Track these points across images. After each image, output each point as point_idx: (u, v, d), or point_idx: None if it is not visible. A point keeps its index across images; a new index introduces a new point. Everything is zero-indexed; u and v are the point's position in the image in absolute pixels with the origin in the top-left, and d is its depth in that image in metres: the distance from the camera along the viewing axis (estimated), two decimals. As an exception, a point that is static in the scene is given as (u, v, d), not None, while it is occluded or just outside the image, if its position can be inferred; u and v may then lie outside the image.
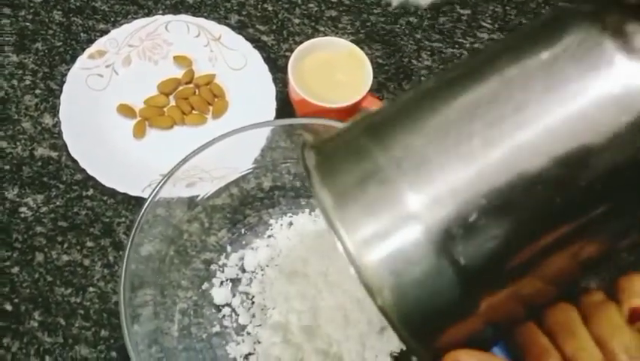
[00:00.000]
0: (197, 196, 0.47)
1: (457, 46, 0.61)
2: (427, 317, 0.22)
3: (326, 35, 0.59)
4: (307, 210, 0.49)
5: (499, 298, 0.22)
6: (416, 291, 0.21)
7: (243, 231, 0.49)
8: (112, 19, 0.59)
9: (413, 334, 0.22)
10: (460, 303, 0.22)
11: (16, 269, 0.47)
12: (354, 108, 0.50)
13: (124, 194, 0.50)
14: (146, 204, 0.42)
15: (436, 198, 0.22)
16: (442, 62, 0.60)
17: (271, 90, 0.55)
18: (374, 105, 0.51)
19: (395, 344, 0.42)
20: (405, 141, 0.23)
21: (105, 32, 0.57)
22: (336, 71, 0.51)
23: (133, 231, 0.41)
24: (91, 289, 0.47)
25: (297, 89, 0.49)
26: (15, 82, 0.55)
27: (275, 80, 0.56)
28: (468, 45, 0.61)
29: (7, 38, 0.57)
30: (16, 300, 0.46)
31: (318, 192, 0.23)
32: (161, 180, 0.43)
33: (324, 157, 0.24)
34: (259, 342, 0.43)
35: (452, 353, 0.22)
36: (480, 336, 0.23)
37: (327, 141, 0.26)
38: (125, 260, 0.40)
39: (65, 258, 0.48)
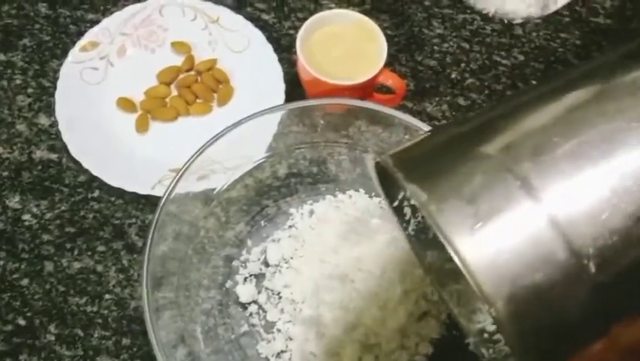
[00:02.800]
0: (211, 190, 0.45)
1: (468, 11, 0.58)
2: (546, 337, 0.19)
3: (330, 9, 0.56)
4: (328, 197, 0.46)
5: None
6: (537, 304, 0.18)
7: (262, 223, 0.46)
8: (101, 7, 0.55)
9: (528, 354, 0.19)
10: (590, 324, 0.19)
11: (25, 281, 0.44)
12: (370, 84, 0.47)
13: (132, 193, 0.47)
14: (162, 202, 0.39)
15: (567, 197, 0.19)
16: (454, 29, 0.57)
17: (278, 71, 0.51)
18: (391, 80, 0.48)
19: (436, 330, 0.40)
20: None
21: (96, 22, 0.53)
22: (347, 45, 0.48)
23: (151, 230, 0.38)
24: (107, 296, 0.44)
25: (308, 68, 0.46)
26: (4, 82, 0.52)
27: (280, 60, 0.52)
28: (479, 7, 0.58)
29: (-9, 36, 0.53)
30: (29, 314, 0.43)
31: (420, 196, 0.20)
32: (176, 176, 0.40)
33: (414, 165, 0.21)
34: (291, 339, 0.41)
35: None
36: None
37: (407, 151, 0.23)
38: (145, 262, 0.38)
39: (77, 265, 0.45)
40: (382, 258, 0.41)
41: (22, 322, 0.43)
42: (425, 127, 0.42)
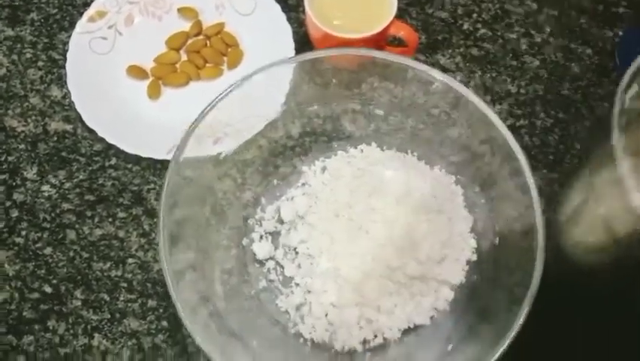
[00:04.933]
0: (226, 152, 0.44)
1: (477, -40, 0.56)
2: None
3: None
4: (340, 152, 0.46)
5: None
6: None
7: (275, 182, 0.46)
8: (106, -23, 0.55)
9: None
10: None
11: (49, 250, 0.45)
12: (382, 37, 0.46)
13: (148, 159, 0.47)
14: (172, 163, 0.39)
15: None
16: (464, -22, 0.55)
17: (287, 31, 0.51)
18: (403, 31, 0.47)
19: (455, 277, 0.40)
20: None
21: (101, -8, 0.53)
22: (355, -1, 0.47)
23: (163, 192, 0.38)
24: (130, 260, 0.45)
25: (317, 23, 0.45)
26: (15, 57, 0.52)
27: (289, 20, 0.52)
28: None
29: (-1, 12, 0.54)
30: (54, 281, 0.44)
31: None
32: (183, 137, 0.40)
33: None
34: (309, 292, 0.41)
35: None
36: None
37: None
38: (161, 225, 0.38)
39: (98, 232, 0.46)
40: (396, 207, 0.41)
41: (48, 289, 0.44)
42: (440, 76, 0.41)
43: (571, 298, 0.38)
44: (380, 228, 0.41)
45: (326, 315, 0.41)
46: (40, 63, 0.52)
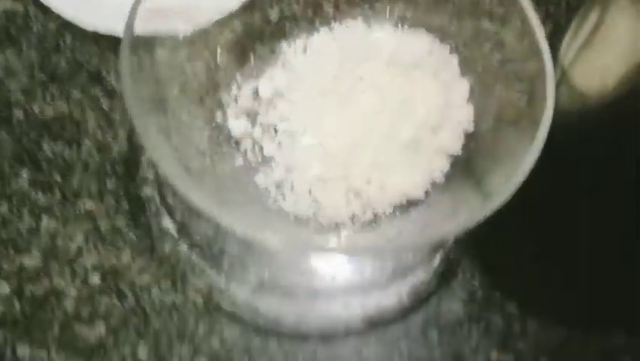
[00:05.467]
0: (198, 32, 0.40)
1: None
2: None
3: None
4: (323, 29, 0.42)
5: None
6: None
7: (252, 62, 0.42)
8: None
9: None
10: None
11: (-8, 129, 0.40)
12: None
13: (109, 38, 0.42)
14: (125, 38, 0.34)
15: None
16: None
17: None
18: None
19: (452, 146, 0.37)
20: None
21: None
22: None
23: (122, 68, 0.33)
24: (87, 141, 0.40)
25: None
26: None
27: None
28: None
29: None
30: (-3, 161, 0.39)
31: None
32: (133, 8, 0.35)
33: None
34: (291, 169, 0.37)
35: None
36: None
37: None
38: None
39: (50, 111, 0.41)
40: (387, 71, 0.37)
41: (-11, 169, 0.38)
42: None
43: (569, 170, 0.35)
44: (370, 96, 0.37)
45: (310, 192, 0.37)
46: (-13, -59, 0.46)
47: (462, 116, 0.37)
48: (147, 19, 0.36)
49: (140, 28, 0.35)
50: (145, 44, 0.36)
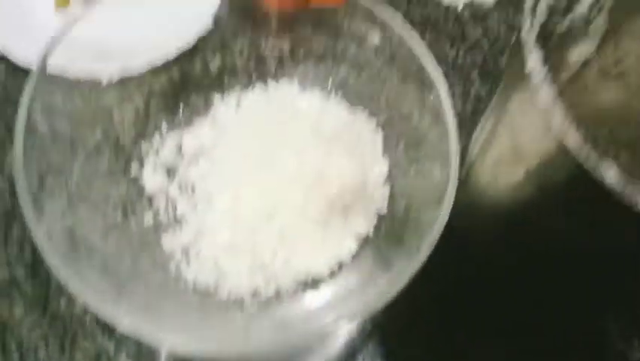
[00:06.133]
0: (132, 76, 0.39)
1: None
2: None
3: None
4: (259, 85, 0.41)
5: None
6: None
7: (181, 112, 0.41)
8: None
9: None
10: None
11: None
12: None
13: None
14: (37, 68, 0.33)
15: None
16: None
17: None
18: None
19: (361, 226, 0.36)
20: None
21: None
22: None
23: (24, 98, 0.32)
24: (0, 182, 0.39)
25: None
26: None
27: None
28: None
29: None
30: None
31: None
32: (53, 39, 0.34)
33: None
34: (201, 232, 0.36)
35: None
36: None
37: None
38: (19, 138, 0.32)
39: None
40: (308, 139, 0.36)
41: None
42: (382, 16, 0.37)
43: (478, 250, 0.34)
44: (289, 164, 0.36)
45: (216, 259, 0.36)
46: None
47: (376, 197, 0.36)
48: (76, 57, 0.36)
49: (64, 65, 0.34)
50: (65, 83, 0.35)
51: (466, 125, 0.46)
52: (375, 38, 0.39)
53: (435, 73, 0.34)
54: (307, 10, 0.40)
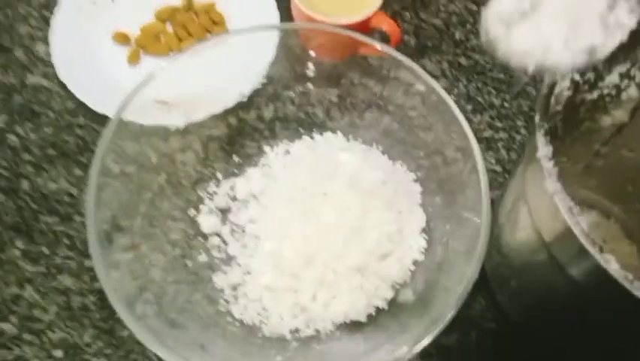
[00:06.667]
0: (192, 124, 0.44)
1: (480, -25, 0.56)
2: None
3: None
4: (305, 137, 0.45)
5: None
6: None
7: (236, 159, 0.45)
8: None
9: None
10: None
11: (1, 197, 0.45)
12: (364, 27, 0.46)
13: (115, 122, 0.46)
14: (113, 122, 0.37)
15: None
16: (463, -11, 0.55)
17: (275, 17, 0.51)
18: (385, 24, 0.46)
19: (398, 274, 0.38)
20: None
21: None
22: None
23: (99, 150, 0.36)
24: (77, 218, 0.44)
25: (300, 6, 0.45)
26: (8, 11, 0.53)
27: (279, 8, 0.52)
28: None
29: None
30: (-1, 228, 0.43)
31: None
32: (129, 95, 0.38)
33: None
34: (249, 273, 0.40)
35: None
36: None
37: None
38: (93, 179, 0.36)
39: (52, 186, 0.45)
40: (347, 192, 0.39)
41: (-9, 235, 0.43)
42: (422, 74, 0.39)
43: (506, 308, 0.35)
44: (330, 213, 0.39)
45: (261, 299, 0.39)
46: (31, 21, 0.52)
47: (413, 246, 0.38)
48: (147, 108, 0.40)
49: (136, 115, 0.39)
50: (136, 131, 0.40)
51: (512, 172, 0.47)
52: (416, 90, 0.41)
53: (467, 129, 0.36)
54: (353, 60, 0.43)
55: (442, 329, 0.31)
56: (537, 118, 0.25)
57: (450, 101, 0.38)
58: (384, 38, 0.48)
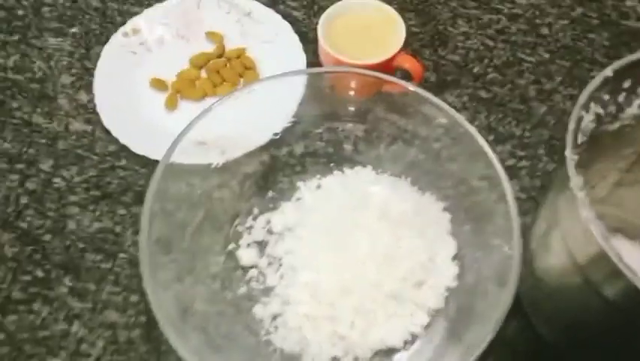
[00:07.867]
0: (228, 162, 0.46)
1: (494, 12, 0.58)
2: None
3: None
4: (336, 172, 0.47)
5: None
6: None
7: (270, 194, 0.47)
8: (146, 2, 0.60)
9: None
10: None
11: (48, 237, 0.47)
12: (388, 66, 0.48)
13: (156, 162, 0.49)
14: (161, 164, 0.40)
15: None
16: (479, 27, 0.57)
17: (302, 59, 0.54)
18: (408, 63, 0.49)
19: (433, 302, 0.39)
20: None
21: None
22: (367, 30, 0.50)
23: (150, 191, 0.39)
24: (121, 255, 0.46)
25: (327, 49, 0.48)
26: (52, 63, 0.56)
27: (306, 50, 0.55)
28: (506, 11, 0.59)
29: (46, 25, 0.59)
30: (47, 266, 0.46)
31: None
32: (175, 140, 0.41)
33: None
34: (288, 303, 0.41)
35: None
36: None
37: None
38: (146, 216, 0.38)
39: (97, 225, 0.48)
40: (378, 223, 0.41)
41: (40, 273, 0.45)
42: (445, 108, 0.41)
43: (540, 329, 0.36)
44: (364, 243, 0.41)
45: (300, 328, 0.40)
46: (73, 70, 0.56)
47: (445, 273, 0.39)
48: (187, 149, 0.43)
49: (179, 156, 0.41)
50: (179, 171, 0.42)
51: (536, 199, 0.48)
52: (439, 122, 0.43)
53: (494, 160, 0.38)
54: (379, 97, 0.46)
55: (479, 355, 0.33)
56: (567, 152, 0.26)
57: (475, 132, 0.40)
58: (407, 76, 0.50)
